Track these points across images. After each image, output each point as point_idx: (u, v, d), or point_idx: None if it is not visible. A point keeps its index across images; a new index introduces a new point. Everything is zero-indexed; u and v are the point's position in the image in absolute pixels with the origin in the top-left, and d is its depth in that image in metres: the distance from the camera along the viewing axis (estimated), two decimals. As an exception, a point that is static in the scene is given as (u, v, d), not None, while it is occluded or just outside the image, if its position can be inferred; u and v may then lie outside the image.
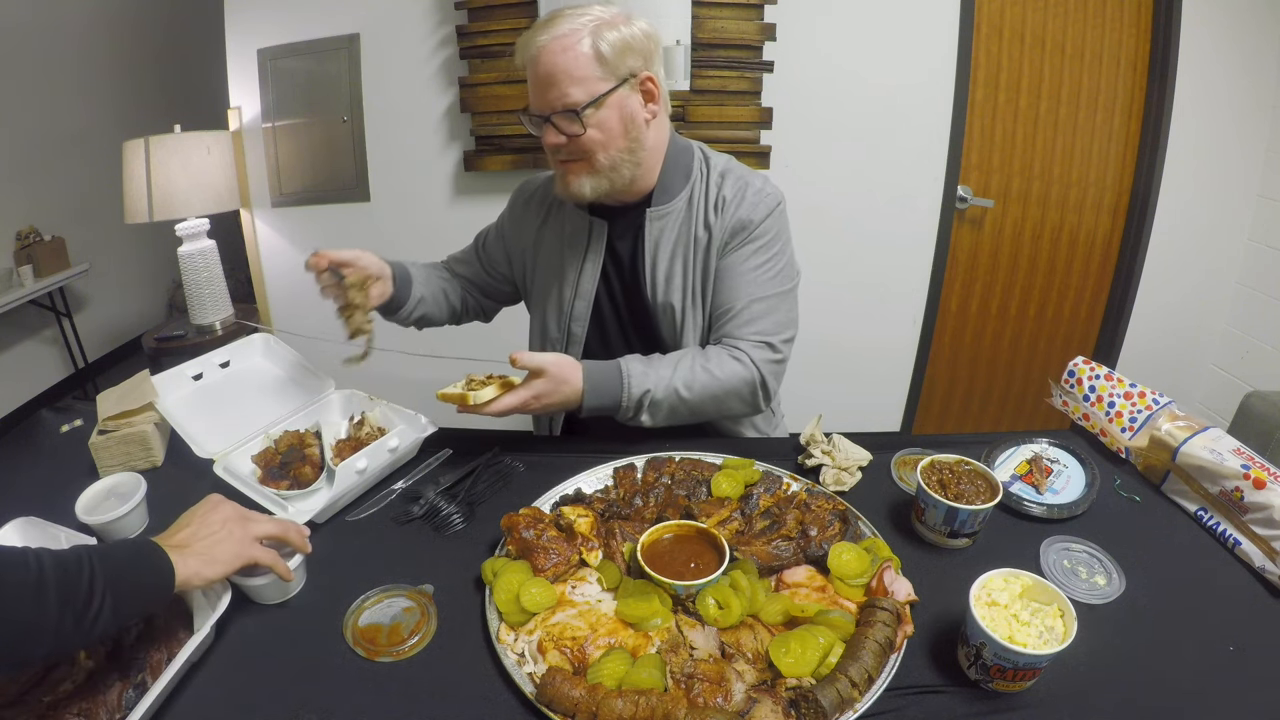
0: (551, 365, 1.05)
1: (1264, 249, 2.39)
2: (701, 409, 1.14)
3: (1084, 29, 2.28)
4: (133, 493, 0.98)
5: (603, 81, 1.04)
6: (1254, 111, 2.30)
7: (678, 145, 1.19)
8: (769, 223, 1.16)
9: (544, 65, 1.03)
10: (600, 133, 1.06)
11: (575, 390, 1.07)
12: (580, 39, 1.02)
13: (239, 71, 2.48)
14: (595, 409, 1.09)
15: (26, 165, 3.31)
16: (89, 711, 0.69)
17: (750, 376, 1.13)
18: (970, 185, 2.44)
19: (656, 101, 1.12)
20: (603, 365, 1.10)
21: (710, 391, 1.11)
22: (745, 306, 1.15)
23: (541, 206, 1.30)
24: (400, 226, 2.54)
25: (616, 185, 1.12)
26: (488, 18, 2.22)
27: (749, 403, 1.17)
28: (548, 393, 1.05)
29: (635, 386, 1.09)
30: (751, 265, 1.16)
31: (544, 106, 1.06)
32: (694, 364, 1.12)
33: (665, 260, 1.18)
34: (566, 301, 1.25)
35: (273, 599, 0.87)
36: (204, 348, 1.54)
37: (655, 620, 0.79)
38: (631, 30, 1.06)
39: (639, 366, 1.11)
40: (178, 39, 4.11)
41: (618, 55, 1.04)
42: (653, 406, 1.10)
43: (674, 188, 1.18)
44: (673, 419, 1.14)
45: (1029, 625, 0.72)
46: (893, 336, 2.61)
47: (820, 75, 2.27)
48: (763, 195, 1.16)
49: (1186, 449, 0.99)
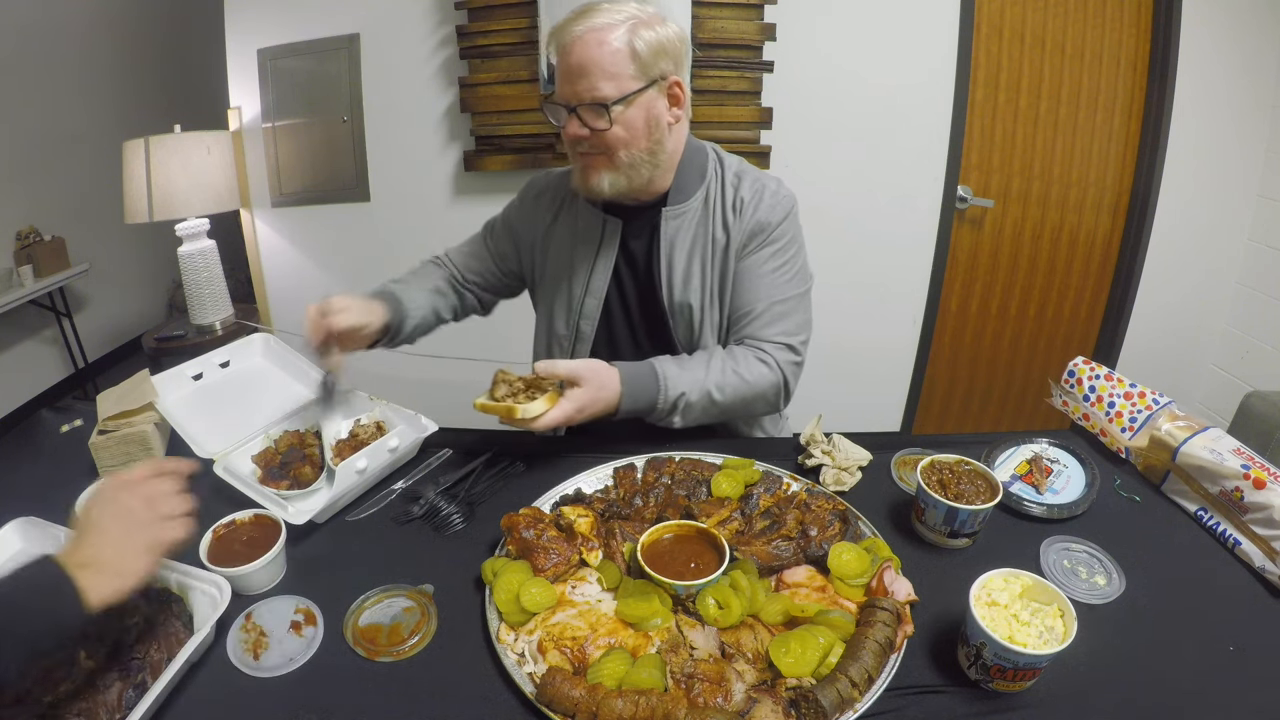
0: (587, 372, 1.02)
1: (1264, 249, 2.39)
2: (730, 410, 1.14)
3: (1084, 29, 2.28)
4: None
5: (634, 80, 1.04)
6: (1254, 111, 2.30)
7: (693, 146, 1.19)
8: (786, 225, 1.17)
9: (577, 55, 1.02)
10: (625, 130, 1.06)
11: (614, 395, 1.05)
12: (617, 33, 1.02)
13: (239, 71, 2.47)
14: (631, 412, 1.08)
15: (26, 165, 3.31)
16: (89, 711, 0.69)
17: (776, 379, 1.14)
18: (970, 185, 2.44)
19: (681, 106, 1.12)
20: (637, 367, 1.09)
21: (740, 394, 1.12)
22: (767, 309, 1.16)
23: (554, 202, 1.29)
24: (400, 226, 2.54)
25: (635, 184, 1.12)
26: (488, 18, 2.21)
27: (772, 404, 1.18)
28: (590, 402, 1.03)
29: (672, 389, 1.08)
30: (771, 267, 1.16)
31: (571, 97, 1.05)
32: (725, 366, 1.12)
33: (682, 260, 1.18)
34: (576, 299, 1.24)
35: (255, 589, 0.88)
36: (204, 348, 1.54)
37: (655, 620, 0.79)
38: (667, 32, 1.06)
39: (674, 369, 1.10)
40: (178, 39, 4.11)
41: (652, 55, 1.04)
42: (687, 409, 1.10)
43: (689, 188, 1.18)
44: (703, 420, 1.14)
45: (1029, 625, 0.72)
46: (893, 336, 2.61)
47: (820, 75, 2.27)
48: (779, 198, 1.17)
49: (1186, 449, 0.99)
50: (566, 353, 1.28)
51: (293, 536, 0.94)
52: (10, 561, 0.94)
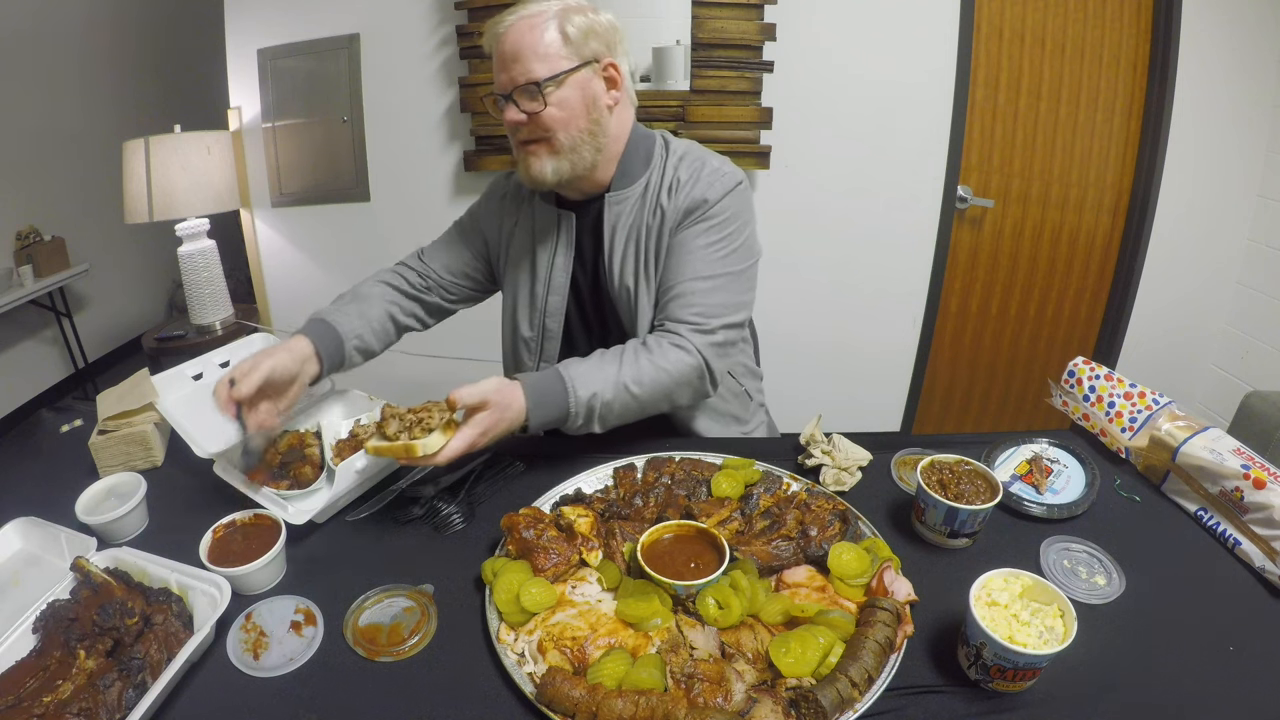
0: (493, 394, 0.97)
1: (1264, 249, 2.39)
2: (654, 404, 1.10)
3: (1084, 29, 2.28)
4: (133, 492, 0.98)
5: (565, 60, 1.06)
6: (1254, 111, 2.30)
7: (639, 133, 1.19)
8: (726, 202, 1.13)
9: (509, 43, 1.06)
10: (561, 110, 1.07)
11: (520, 410, 1.00)
12: (546, 19, 1.05)
13: (239, 71, 2.47)
14: (543, 423, 1.03)
15: (27, 165, 3.31)
16: (89, 711, 0.69)
17: (696, 362, 1.09)
18: (970, 185, 2.44)
19: (619, 89, 1.13)
20: (542, 376, 1.04)
21: (660, 385, 1.07)
22: (687, 284, 1.12)
23: (515, 204, 1.29)
24: (400, 226, 2.54)
25: (578, 168, 1.12)
26: (487, 18, 2.19)
27: (699, 390, 1.13)
28: (493, 424, 0.97)
29: (581, 390, 1.03)
30: (701, 244, 1.13)
31: (507, 83, 1.07)
32: (639, 358, 1.07)
33: (621, 245, 1.18)
34: (539, 298, 1.24)
35: (255, 589, 0.88)
36: (204, 348, 1.54)
37: (655, 620, 0.79)
38: (597, 17, 1.09)
39: (580, 369, 1.05)
40: (178, 39, 4.11)
41: (582, 37, 1.07)
42: (604, 409, 1.05)
43: (633, 173, 1.18)
44: (625, 419, 1.09)
45: (1029, 625, 0.72)
46: (893, 336, 2.61)
47: (820, 75, 2.27)
48: (719, 174, 1.14)
49: (1186, 449, 0.99)
50: (535, 355, 1.27)
51: (293, 536, 0.94)
52: (10, 561, 0.94)
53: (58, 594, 0.83)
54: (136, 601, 0.80)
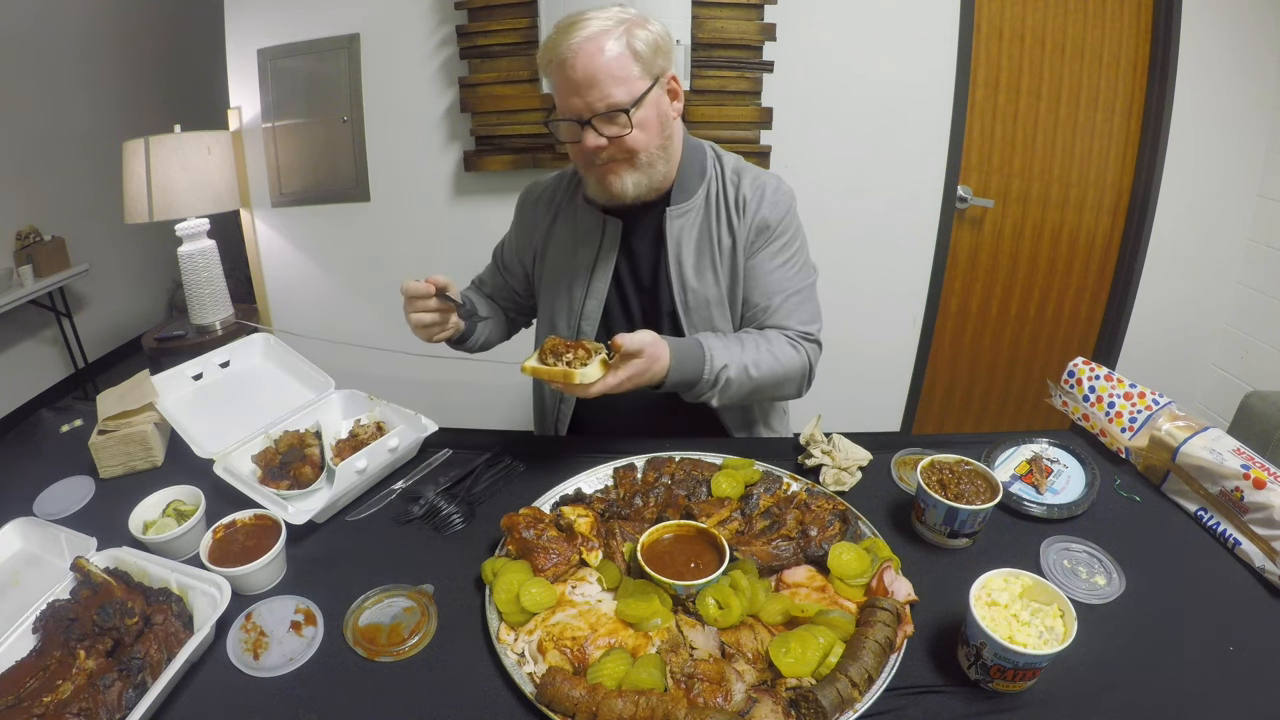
0: (650, 345, 1.02)
1: (1264, 249, 2.39)
2: (762, 390, 1.15)
3: (1084, 29, 2.28)
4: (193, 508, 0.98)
5: (641, 81, 1.04)
6: (1254, 111, 2.30)
7: (691, 143, 1.21)
8: (788, 220, 1.20)
9: (581, 67, 1.01)
10: (643, 132, 1.06)
11: (663, 367, 1.04)
12: (614, 38, 1.02)
13: (239, 71, 2.47)
14: (677, 383, 1.08)
15: (27, 165, 3.30)
16: (89, 711, 0.69)
17: (803, 362, 1.17)
18: (970, 185, 2.43)
19: (679, 99, 1.14)
20: (685, 341, 1.09)
21: (774, 373, 1.13)
22: (783, 302, 1.19)
23: (550, 207, 1.29)
24: (400, 226, 2.54)
25: (654, 181, 1.13)
26: (488, 18, 2.21)
27: (797, 388, 1.20)
28: (640, 372, 1.01)
29: (717, 361, 1.08)
30: (779, 262, 1.19)
31: (584, 109, 1.04)
32: (759, 345, 1.13)
33: (691, 258, 1.19)
34: (577, 301, 1.24)
35: (255, 589, 0.88)
36: (204, 348, 1.54)
37: (655, 620, 0.79)
38: (657, 29, 1.07)
39: (716, 342, 1.10)
40: (178, 39, 4.11)
41: (650, 53, 1.05)
42: (726, 384, 1.10)
43: (691, 185, 1.19)
44: (736, 399, 1.14)
45: (1029, 625, 0.72)
46: (893, 336, 2.61)
47: (820, 75, 2.27)
48: (780, 194, 1.20)
49: (1186, 449, 0.99)
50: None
51: (293, 536, 0.94)
52: (10, 561, 0.94)
53: (58, 594, 0.83)
54: (136, 601, 0.80)
